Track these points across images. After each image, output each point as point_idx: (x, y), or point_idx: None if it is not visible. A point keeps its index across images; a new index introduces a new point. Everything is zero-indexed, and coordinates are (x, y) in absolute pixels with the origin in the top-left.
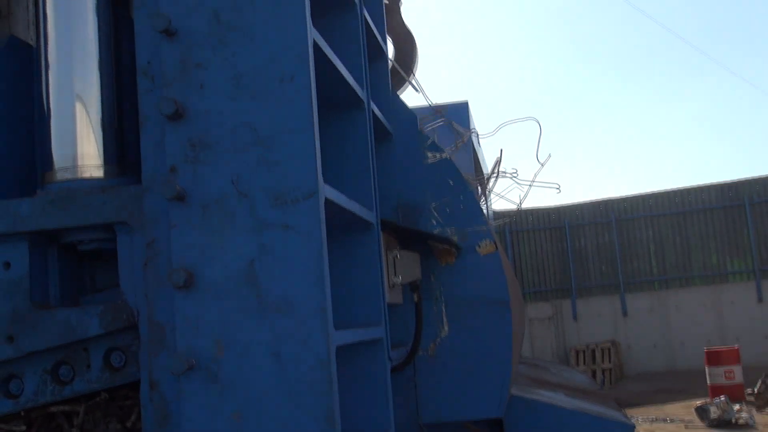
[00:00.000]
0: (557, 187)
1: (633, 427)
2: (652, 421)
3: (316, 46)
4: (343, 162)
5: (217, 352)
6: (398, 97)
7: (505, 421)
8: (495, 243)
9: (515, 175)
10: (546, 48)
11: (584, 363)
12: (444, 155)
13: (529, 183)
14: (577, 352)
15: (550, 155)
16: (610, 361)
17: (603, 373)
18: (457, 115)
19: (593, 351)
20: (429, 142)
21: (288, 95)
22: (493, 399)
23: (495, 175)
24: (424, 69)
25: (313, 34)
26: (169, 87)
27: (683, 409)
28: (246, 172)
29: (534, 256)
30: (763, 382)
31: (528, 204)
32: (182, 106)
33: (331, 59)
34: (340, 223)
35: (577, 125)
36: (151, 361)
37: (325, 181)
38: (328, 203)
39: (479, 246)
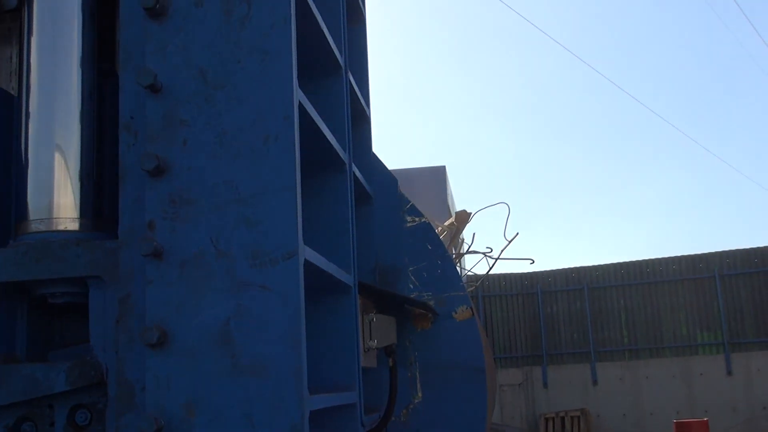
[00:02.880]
0: (531, 261)
1: None
2: None
3: (301, 107)
4: (322, 223)
5: (187, 414)
6: (379, 159)
7: None
8: (472, 309)
9: (489, 252)
10: (525, 119)
11: (554, 431)
12: (423, 219)
13: (499, 258)
14: (547, 420)
15: (517, 233)
16: (579, 430)
17: None
18: (435, 178)
19: (563, 419)
20: (408, 205)
21: (272, 155)
22: None
23: (465, 253)
24: (402, 132)
25: (298, 96)
26: (151, 142)
27: None
28: (226, 231)
29: (506, 322)
30: None
31: (501, 269)
32: (164, 161)
33: (316, 121)
34: (317, 284)
35: (552, 195)
36: (119, 421)
37: (305, 242)
38: (307, 265)
39: (456, 312)
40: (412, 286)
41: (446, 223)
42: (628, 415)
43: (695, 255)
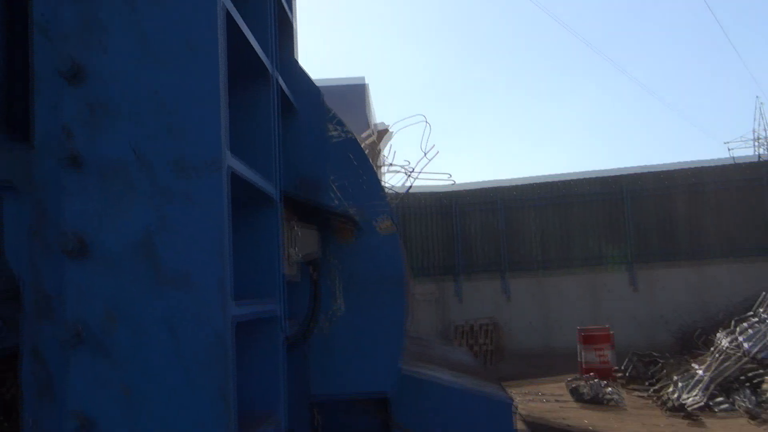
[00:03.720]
0: (449, 176)
1: (513, 404)
2: (527, 395)
3: (227, 13)
4: (247, 133)
5: (108, 325)
6: (303, 69)
7: (390, 398)
8: (394, 222)
9: (408, 166)
10: (446, 36)
11: (465, 341)
12: (347, 132)
13: (418, 174)
14: (457, 329)
15: (435, 148)
16: (490, 339)
17: (483, 352)
18: (355, 92)
19: (474, 329)
20: (333, 118)
21: (195, 62)
22: (383, 376)
23: (385, 167)
24: (322, 42)
25: (224, 1)
26: (68, 45)
27: (557, 388)
28: (148, 140)
29: (422, 238)
30: (631, 363)
31: (419, 186)
32: (82, 66)
33: (241, 27)
34: (242, 195)
35: (471, 112)
36: (36, 331)
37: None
38: (233, 175)
39: (378, 225)
40: (335, 199)
41: (365, 138)
42: (537, 326)
43: (607, 175)
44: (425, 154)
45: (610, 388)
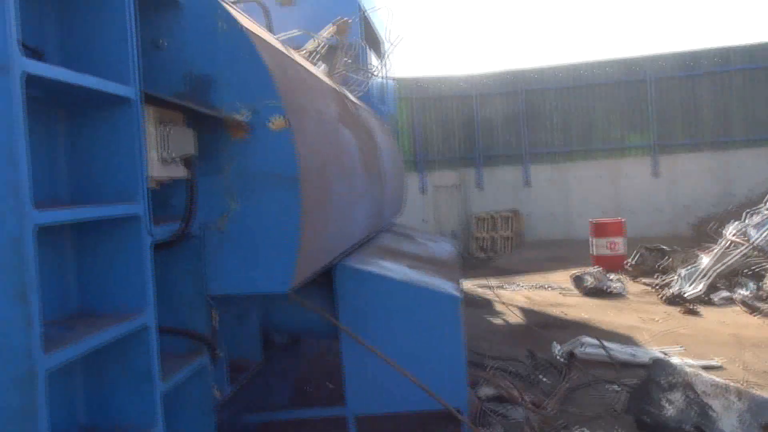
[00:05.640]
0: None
1: (458, 299)
2: (534, 287)
3: None
4: (100, 34)
5: None
6: None
7: (335, 288)
8: (287, 119)
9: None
10: None
11: (485, 230)
12: (238, 26)
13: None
14: (479, 220)
15: (401, 37)
16: (510, 229)
17: (503, 240)
18: None
19: (495, 219)
20: (223, 10)
21: None
22: (279, 276)
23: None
24: None
25: None
26: None
27: (566, 277)
28: None
29: (441, 124)
30: (639, 254)
31: (437, 72)
32: None
33: None
34: (72, 98)
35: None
36: None
37: (71, 53)
38: (38, 78)
39: (270, 122)
40: (226, 95)
41: (324, 34)
42: (557, 215)
43: (630, 58)
44: (392, 44)
45: (614, 279)
